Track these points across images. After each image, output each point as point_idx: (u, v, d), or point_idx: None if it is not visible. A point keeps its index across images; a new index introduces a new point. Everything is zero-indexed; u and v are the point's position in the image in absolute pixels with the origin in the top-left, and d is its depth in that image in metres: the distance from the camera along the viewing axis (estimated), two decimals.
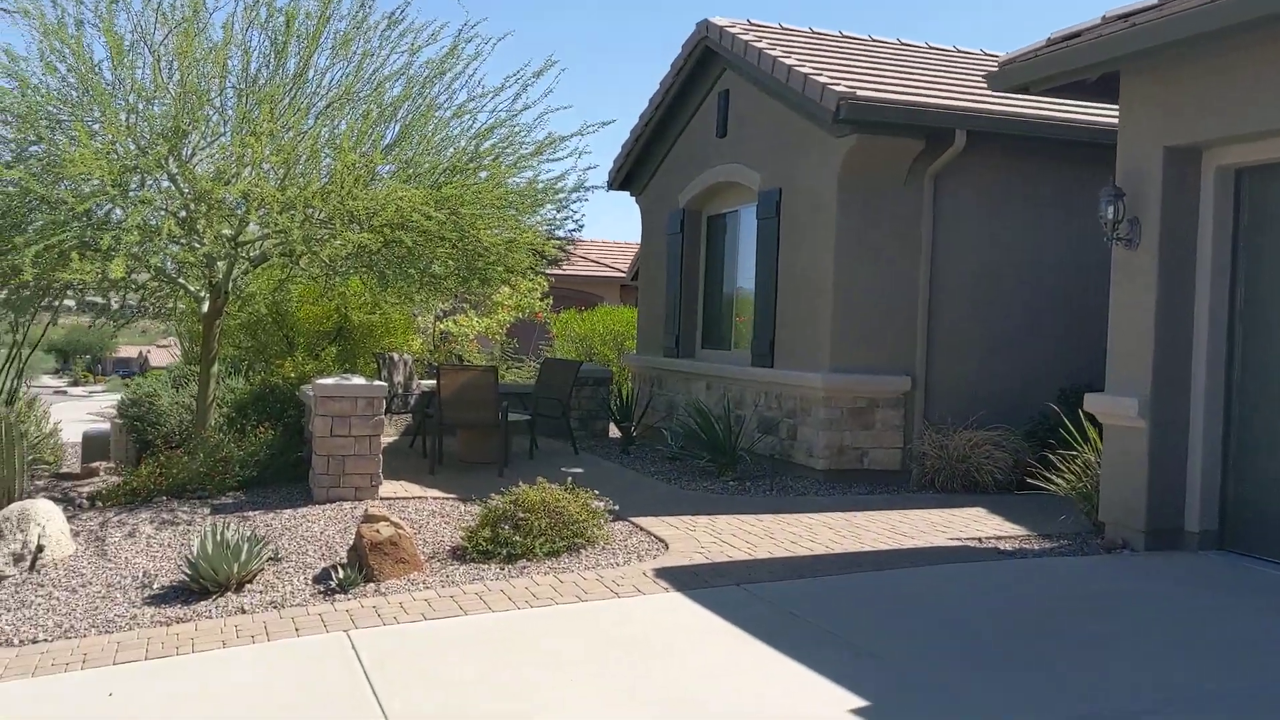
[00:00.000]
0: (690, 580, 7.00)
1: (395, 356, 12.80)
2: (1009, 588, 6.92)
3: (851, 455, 10.81)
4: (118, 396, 16.21)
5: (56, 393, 36.32)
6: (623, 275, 27.07)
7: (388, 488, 9.88)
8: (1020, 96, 10.26)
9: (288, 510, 9.10)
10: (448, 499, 9.67)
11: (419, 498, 9.68)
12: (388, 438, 13.29)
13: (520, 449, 12.67)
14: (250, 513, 9.03)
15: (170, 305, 12.72)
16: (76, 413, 21.91)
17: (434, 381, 12.33)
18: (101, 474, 11.74)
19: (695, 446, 11.56)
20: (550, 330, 19.76)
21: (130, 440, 12.27)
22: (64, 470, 12.34)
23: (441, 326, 18.56)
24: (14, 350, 13.03)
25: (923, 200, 10.85)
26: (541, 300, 19.43)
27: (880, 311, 10.87)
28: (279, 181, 9.81)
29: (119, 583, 7.25)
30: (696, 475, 11.22)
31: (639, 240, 16.70)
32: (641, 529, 8.63)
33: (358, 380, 9.63)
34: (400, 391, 12.67)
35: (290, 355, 15.69)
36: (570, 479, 8.74)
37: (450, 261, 11.26)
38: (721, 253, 13.66)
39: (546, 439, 13.74)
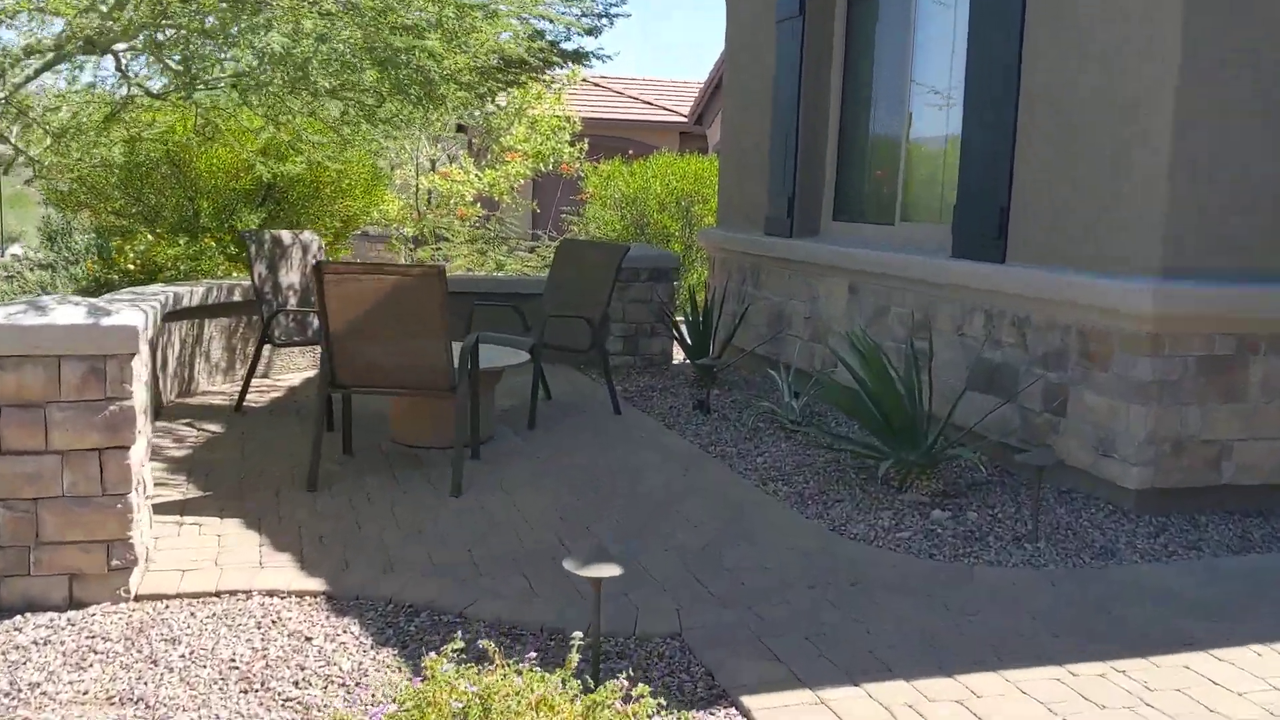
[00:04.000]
0: None
1: (289, 237, 7.11)
2: None
3: (1197, 456, 5.10)
4: None
5: None
6: (682, 120, 21.03)
7: (171, 558, 4.35)
8: None
9: None
10: (295, 602, 4.11)
11: (212, 602, 4.11)
12: (274, 392, 7.71)
13: (519, 401, 7.06)
14: None
15: None
16: None
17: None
18: None
19: (843, 412, 5.83)
20: (583, 189, 13.86)
21: None
22: None
23: (428, 183, 12.79)
24: None
25: None
26: (571, 146, 13.60)
27: (1268, 157, 5.02)
28: None
29: None
30: (853, 482, 5.58)
31: (710, 68, 10.63)
32: None
33: (73, 311, 4.00)
34: (294, 304, 7.05)
35: (187, 229, 10.20)
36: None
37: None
38: (875, 49, 7.74)
39: (569, 374, 8.12)
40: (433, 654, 2.85)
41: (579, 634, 3.03)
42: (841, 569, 4.38)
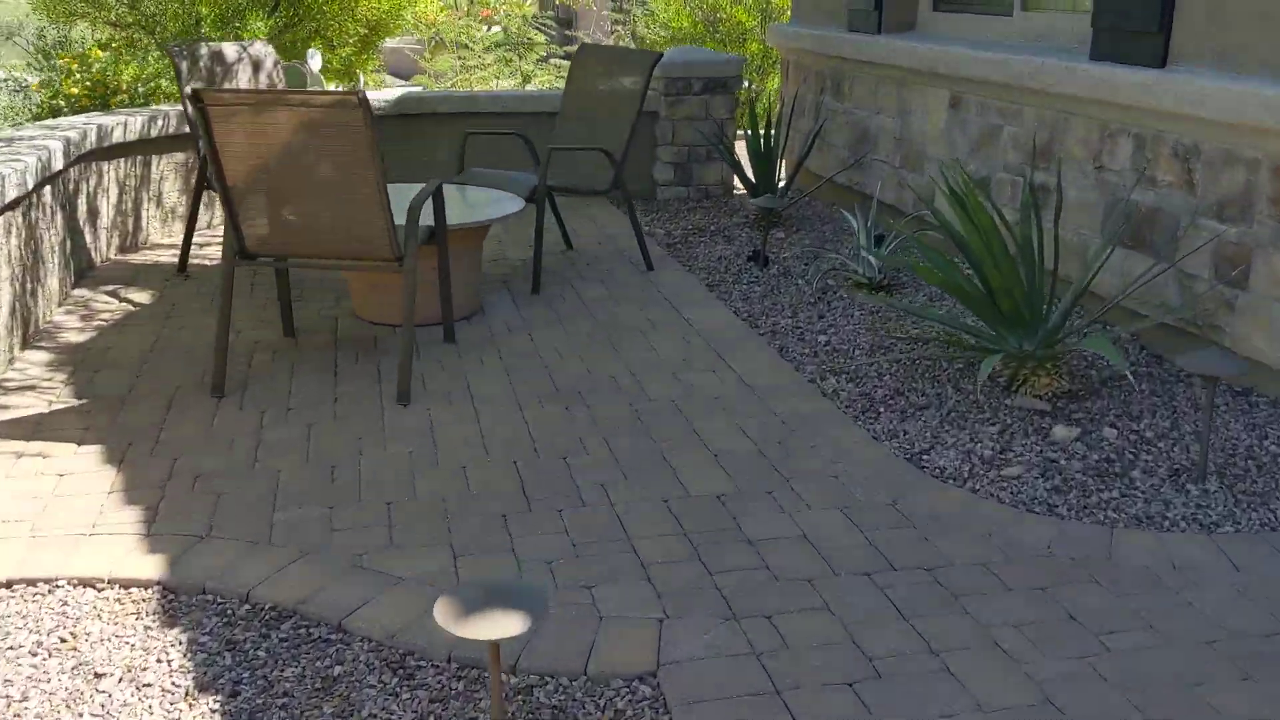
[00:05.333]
0: None
1: (234, 51, 5.64)
2: None
3: None
4: None
5: None
6: None
7: None
8: None
9: None
10: (114, 600, 2.87)
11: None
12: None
13: (519, 253, 5.69)
14: None
15: None
16: None
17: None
18: None
19: (935, 285, 4.30)
20: None
21: None
22: None
23: None
24: None
25: None
26: None
27: None
28: None
29: None
30: (943, 377, 4.12)
31: None
32: None
33: None
34: None
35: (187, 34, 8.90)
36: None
37: None
38: None
39: (602, 212, 6.68)
40: None
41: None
42: (915, 547, 2.99)
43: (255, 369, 4.21)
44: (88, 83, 6.74)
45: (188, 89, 5.21)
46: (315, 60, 7.57)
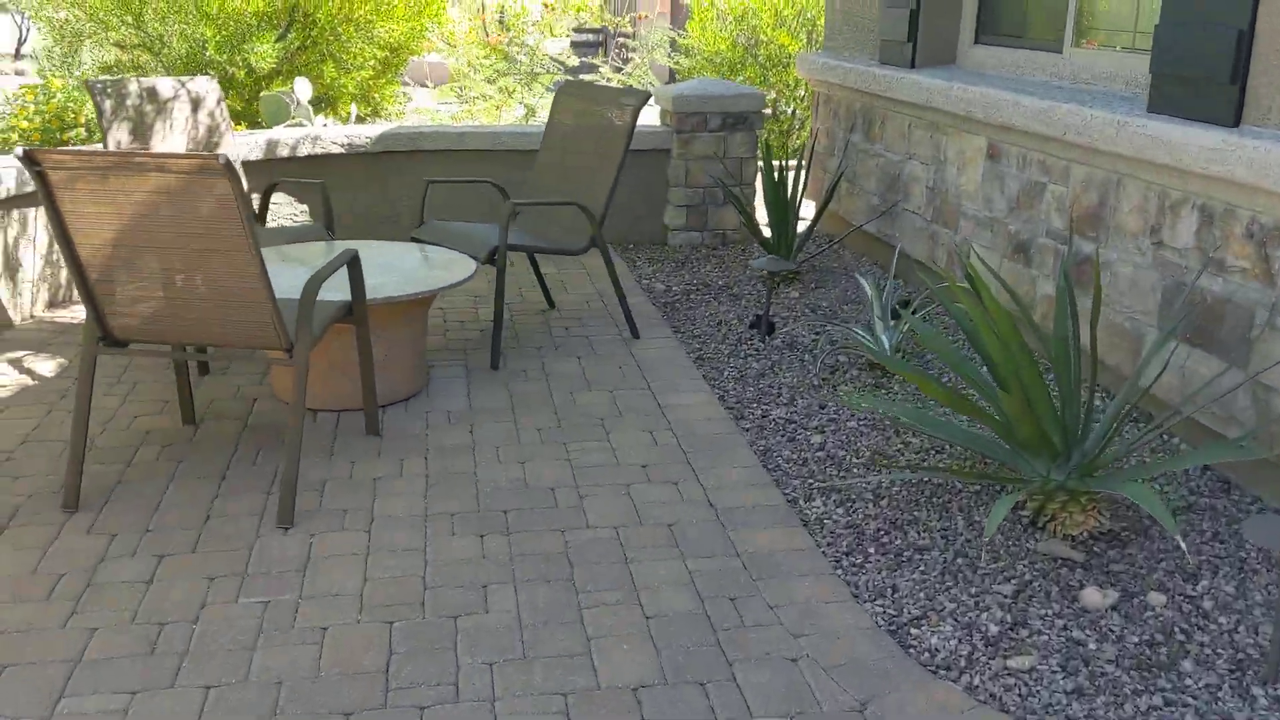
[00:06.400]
0: None
1: (169, 87, 4.95)
2: None
3: None
4: None
5: None
6: None
7: None
8: None
9: None
10: None
11: None
12: None
13: (511, 307, 5.00)
14: None
15: None
16: None
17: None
18: None
19: (944, 399, 3.53)
20: None
21: None
22: None
23: None
24: None
25: None
26: None
27: None
28: None
29: None
30: (952, 507, 3.35)
31: None
32: None
33: None
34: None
35: (194, 63, 8.47)
36: None
37: None
38: None
39: (597, 259, 5.97)
40: None
41: None
42: None
43: (132, 470, 3.55)
44: (44, 115, 6.19)
45: (110, 135, 4.60)
46: (303, 89, 6.98)
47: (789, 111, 9.91)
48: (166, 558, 3.04)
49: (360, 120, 9.31)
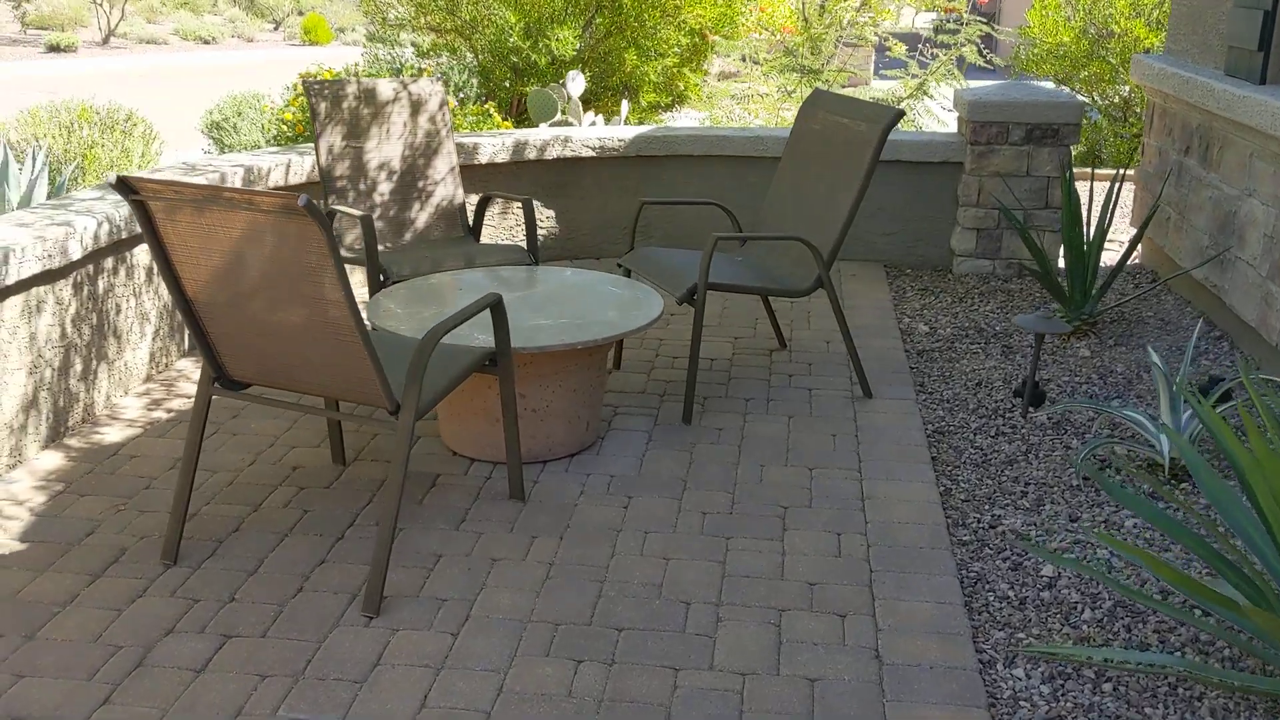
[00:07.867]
0: None
1: (389, 89, 4.62)
2: None
3: None
4: None
5: None
6: None
7: None
8: None
9: None
10: None
11: None
12: None
13: (719, 346, 4.40)
14: None
15: None
16: None
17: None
18: None
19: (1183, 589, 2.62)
20: None
21: None
22: None
23: None
24: None
25: None
26: None
27: None
28: None
29: None
30: (1206, 712, 2.47)
31: None
32: None
33: None
34: (384, 195, 4.74)
35: (498, 50, 8.40)
36: None
37: None
38: None
39: (860, 286, 5.24)
40: None
41: None
42: None
43: (256, 516, 3.27)
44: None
45: (322, 140, 4.37)
46: (576, 83, 6.63)
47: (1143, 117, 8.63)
48: (232, 639, 2.70)
49: (658, 109, 8.91)
